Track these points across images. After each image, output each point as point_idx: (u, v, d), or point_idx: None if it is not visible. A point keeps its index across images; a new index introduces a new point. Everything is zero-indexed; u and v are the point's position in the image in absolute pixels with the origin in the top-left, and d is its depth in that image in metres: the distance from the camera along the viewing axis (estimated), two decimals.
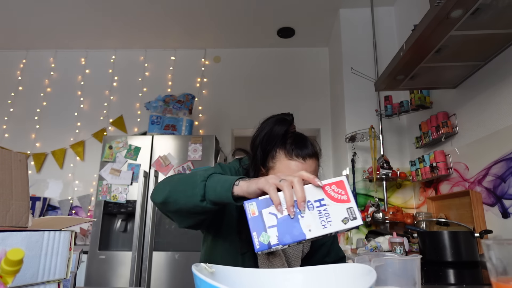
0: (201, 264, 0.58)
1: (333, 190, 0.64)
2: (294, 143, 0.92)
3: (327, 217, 0.61)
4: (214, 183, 0.73)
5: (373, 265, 0.59)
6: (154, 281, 2.45)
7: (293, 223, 0.61)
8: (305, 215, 0.62)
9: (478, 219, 1.71)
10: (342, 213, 0.62)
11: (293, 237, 0.60)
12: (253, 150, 0.97)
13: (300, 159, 0.90)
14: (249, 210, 0.63)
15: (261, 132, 0.95)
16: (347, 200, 0.63)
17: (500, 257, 0.45)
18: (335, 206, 0.62)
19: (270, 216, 0.62)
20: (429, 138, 2.17)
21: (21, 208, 0.50)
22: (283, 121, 0.95)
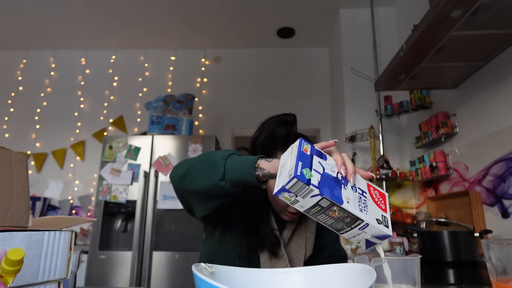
0: (201, 264, 0.58)
1: (375, 194, 0.62)
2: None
3: (365, 206, 0.57)
4: (234, 162, 0.70)
5: (373, 265, 0.59)
6: (154, 281, 2.45)
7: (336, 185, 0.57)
8: (348, 189, 0.58)
9: (478, 219, 1.71)
10: (378, 214, 0.58)
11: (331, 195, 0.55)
12: (253, 151, 0.95)
13: None
14: (303, 146, 0.59)
15: (261, 133, 0.93)
16: (385, 210, 0.60)
17: (500, 257, 0.45)
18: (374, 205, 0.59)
19: (318, 165, 0.58)
20: (429, 138, 2.17)
21: (21, 208, 0.50)
22: (285, 122, 0.93)
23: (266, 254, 0.93)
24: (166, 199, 2.60)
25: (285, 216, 0.95)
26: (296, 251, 0.98)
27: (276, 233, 0.95)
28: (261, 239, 0.92)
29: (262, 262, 0.92)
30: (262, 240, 0.92)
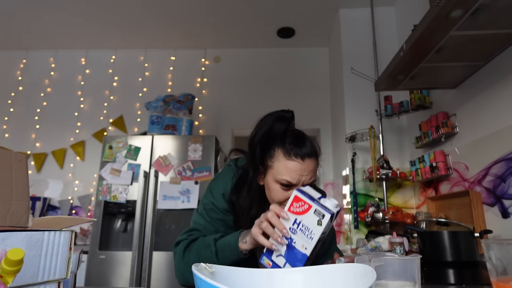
0: (201, 264, 0.58)
1: (296, 207, 0.73)
2: (293, 142, 0.91)
3: (307, 230, 0.71)
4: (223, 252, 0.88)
5: (373, 265, 0.59)
6: (154, 281, 2.45)
7: (293, 251, 0.72)
8: (295, 238, 0.72)
9: (478, 219, 1.71)
10: (313, 218, 0.71)
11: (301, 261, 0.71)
12: (251, 148, 0.96)
13: (299, 159, 0.90)
14: (265, 263, 0.76)
15: (259, 129, 0.95)
16: (309, 206, 0.72)
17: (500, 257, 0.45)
18: (306, 217, 0.71)
19: (279, 258, 0.73)
20: (429, 138, 2.17)
21: (21, 208, 0.50)
22: (282, 118, 0.95)
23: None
24: (166, 199, 2.60)
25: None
26: None
27: None
28: None
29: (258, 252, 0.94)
30: None
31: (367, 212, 2.45)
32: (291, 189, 0.90)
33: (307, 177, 0.91)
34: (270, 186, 0.93)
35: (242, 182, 1.00)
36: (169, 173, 2.66)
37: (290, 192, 0.90)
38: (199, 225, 1.00)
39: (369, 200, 2.59)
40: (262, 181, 0.97)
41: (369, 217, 2.39)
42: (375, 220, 2.34)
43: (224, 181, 1.03)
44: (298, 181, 0.90)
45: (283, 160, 0.90)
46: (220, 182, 1.04)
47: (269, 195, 0.96)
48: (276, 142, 0.92)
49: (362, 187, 2.66)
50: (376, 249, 1.77)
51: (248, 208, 0.98)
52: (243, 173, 1.00)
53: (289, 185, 0.90)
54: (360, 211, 2.54)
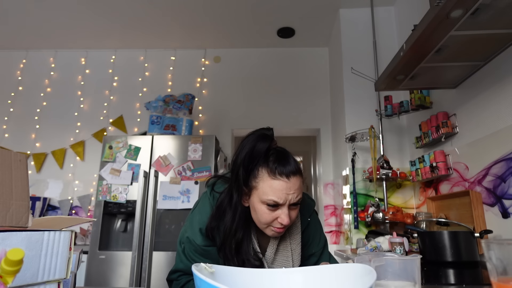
0: (201, 264, 0.58)
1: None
2: (277, 160, 0.90)
3: None
4: None
5: (373, 265, 0.59)
6: (154, 281, 2.45)
7: None
8: None
9: (478, 219, 1.71)
10: None
11: None
12: (233, 170, 0.94)
13: (284, 178, 0.88)
14: None
15: (241, 151, 0.92)
16: None
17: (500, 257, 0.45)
18: None
19: None
20: (429, 138, 2.17)
21: (21, 208, 0.50)
22: (264, 137, 0.92)
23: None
24: (166, 199, 2.60)
25: (270, 232, 0.94)
26: (283, 265, 0.99)
27: (259, 255, 0.96)
28: (243, 262, 0.93)
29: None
30: (244, 262, 0.93)
31: (367, 212, 2.45)
32: (278, 209, 0.89)
33: (294, 195, 0.89)
34: (256, 208, 0.91)
35: (224, 206, 0.96)
36: (169, 173, 2.66)
37: (277, 212, 0.89)
38: (183, 266, 1.01)
39: (369, 200, 2.59)
40: (246, 203, 0.95)
41: (369, 217, 2.39)
42: (375, 220, 2.34)
43: (200, 213, 1.01)
44: (285, 200, 0.88)
45: (268, 180, 0.88)
46: (197, 215, 1.01)
47: (256, 217, 0.93)
48: (260, 162, 0.90)
49: (362, 187, 2.66)
50: (376, 249, 1.77)
51: (234, 231, 0.94)
52: (224, 197, 0.97)
53: (276, 205, 0.88)
54: (360, 211, 2.54)
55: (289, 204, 0.89)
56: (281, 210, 0.89)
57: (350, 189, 2.66)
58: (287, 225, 0.91)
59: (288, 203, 0.89)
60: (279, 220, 0.89)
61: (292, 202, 0.89)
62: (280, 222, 0.89)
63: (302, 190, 0.92)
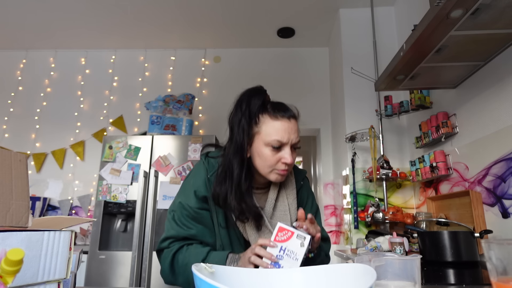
0: (201, 264, 0.58)
1: (280, 236, 0.84)
2: (276, 107, 0.97)
3: (292, 253, 0.83)
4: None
5: (373, 265, 0.59)
6: (154, 281, 2.45)
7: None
8: (282, 263, 0.83)
9: (478, 219, 1.71)
10: (296, 242, 0.83)
11: None
12: (234, 122, 0.99)
13: (285, 119, 0.95)
14: None
15: (240, 104, 0.99)
16: (292, 233, 0.84)
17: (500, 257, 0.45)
18: (290, 243, 0.83)
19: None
20: (429, 138, 2.17)
21: (21, 208, 0.50)
22: (258, 90, 1.02)
23: (252, 225, 0.99)
24: (166, 199, 2.60)
25: (274, 176, 0.98)
26: (282, 218, 1.03)
27: (259, 210, 0.99)
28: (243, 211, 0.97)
29: (249, 232, 0.99)
30: (244, 212, 0.97)
31: (367, 212, 2.45)
32: (281, 150, 0.95)
33: (294, 136, 0.96)
34: (260, 152, 0.96)
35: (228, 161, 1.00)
36: (169, 173, 2.66)
37: (280, 153, 0.95)
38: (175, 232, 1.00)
39: (369, 200, 2.59)
40: (248, 153, 0.99)
41: (369, 217, 2.39)
42: (375, 220, 2.34)
43: (195, 177, 1.04)
44: (288, 139, 0.94)
45: (270, 122, 0.95)
46: (192, 179, 1.04)
47: (260, 163, 0.97)
48: (260, 110, 0.97)
49: (362, 187, 2.66)
50: (376, 249, 1.78)
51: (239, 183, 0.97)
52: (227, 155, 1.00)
53: (279, 146, 0.94)
54: (360, 211, 2.54)
55: (291, 146, 0.96)
56: (284, 150, 0.95)
57: (350, 189, 2.66)
58: (290, 165, 0.97)
59: (290, 143, 0.95)
60: (283, 161, 0.95)
61: (294, 142, 0.96)
62: (284, 162, 0.95)
63: (298, 133, 1.00)
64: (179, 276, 0.96)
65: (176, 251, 0.98)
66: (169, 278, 0.99)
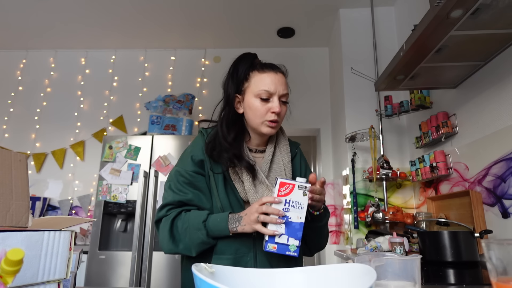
0: (201, 264, 0.58)
1: (283, 190, 0.88)
2: (264, 64, 1.07)
3: (297, 203, 0.88)
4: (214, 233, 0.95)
5: (373, 265, 0.59)
6: (154, 281, 2.45)
7: (291, 225, 0.88)
8: (289, 214, 0.88)
9: (478, 219, 1.71)
10: (299, 192, 0.88)
11: (300, 229, 0.88)
12: (225, 89, 1.09)
13: (272, 71, 1.04)
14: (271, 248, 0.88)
15: (230, 69, 1.09)
16: (293, 185, 0.88)
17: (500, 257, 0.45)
18: (293, 194, 0.88)
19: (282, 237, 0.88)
20: (429, 138, 2.17)
21: (21, 208, 0.50)
22: (247, 54, 1.10)
23: (250, 183, 1.01)
24: None
25: (265, 128, 1.03)
26: (277, 172, 1.08)
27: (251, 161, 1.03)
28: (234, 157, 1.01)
29: (248, 191, 1.01)
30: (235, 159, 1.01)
31: (367, 212, 2.45)
32: (269, 101, 1.01)
33: (281, 88, 1.02)
34: (250, 104, 1.03)
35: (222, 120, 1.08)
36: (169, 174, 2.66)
37: (269, 104, 1.01)
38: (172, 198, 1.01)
39: (369, 200, 2.59)
40: (241, 109, 1.07)
41: (369, 217, 2.39)
42: (375, 220, 2.34)
43: (193, 146, 1.08)
44: (275, 89, 1.01)
45: (258, 75, 1.03)
46: (189, 148, 1.09)
47: (251, 115, 1.03)
48: (249, 68, 1.06)
49: (362, 187, 2.66)
50: (376, 249, 1.78)
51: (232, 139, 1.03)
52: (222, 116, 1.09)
53: (267, 98, 1.01)
54: (360, 211, 2.54)
55: (279, 97, 1.02)
56: (272, 101, 1.02)
57: (350, 189, 2.66)
58: (280, 116, 1.03)
59: (278, 94, 1.02)
60: (272, 110, 1.01)
61: (281, 93, 1.02)
62: (273, 111, 1.01)
63: (287, 88, 1.07)
64: (180, 242, 0.97)
65: (174, 217, 0.99)
66: (169, 246, 0.98)
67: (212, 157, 1.03)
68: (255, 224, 0.89)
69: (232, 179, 1.03)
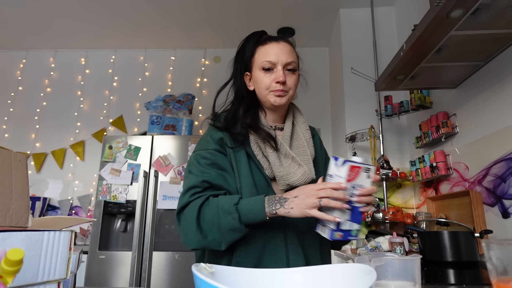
0: (201, 264, 0.58)
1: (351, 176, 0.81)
2: (267, 37, 1.05)
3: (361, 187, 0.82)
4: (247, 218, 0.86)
5: (373, 265, 0.59)
6: (154, 281, 2.45)
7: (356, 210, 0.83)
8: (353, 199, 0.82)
9: (478, 219, 1.71)
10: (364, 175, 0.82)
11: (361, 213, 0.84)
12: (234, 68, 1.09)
13: (273, 42, 1.01)
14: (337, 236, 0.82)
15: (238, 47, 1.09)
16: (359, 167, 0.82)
17: (500, 257, 0.45)
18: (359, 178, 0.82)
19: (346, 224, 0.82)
20: (429, 138, 2.17)
21: (21, 208, 0.50)
22: (255, 32, 1.08)
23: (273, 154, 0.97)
24: (166, 199, 2.60)
25: (272, 98, 1.00)
26: (300, 152, 1.02)
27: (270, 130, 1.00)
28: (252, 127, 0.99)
29: (272, 162, 0.96)
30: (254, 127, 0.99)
31: (367, 212, 2.45)
32: (272, 72, 0.99)
33: (284, 57, 0.99)
34: (256, 77, 1.02)
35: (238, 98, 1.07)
36: (169, 173, 2.66)
37: (273, 75, 0.98)
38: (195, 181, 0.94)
39: None
40: (252, 86, 1.06)
41: (369, 217, 2.39)
42: (375, 220, 2.34)
43: (208, 130, 1.07)
44: (276, 59, 0.98)
45: (261, 49, 1.02)
46: (205, 132, 1.08)
47: (258, 88, 1.02)
48: (255, 45, 1.04)
49: None
50: (376, 249, 1.77)
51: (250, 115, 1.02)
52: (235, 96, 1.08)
53: (270, 68, 0.99)
54: None
55: (284, 66, 0.99)
56: (276, 71, 0.99)
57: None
58: (286, 86, 0.99)
59: (281, 63, 0.99)
60: (276, 80, 0.98)
61: (285, 62, 0.99)
62: (276, 81, 0.98)
63: (295, 58, 1.03)
64: (208, 232, 0.87)
65: (201, 204, 0.89)
66: (197, 237, 0.87)
67: (231, 133, 1.00)
68: (311, 209, 0.81)
69: (255, 154, 0.98)
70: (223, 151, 0.99)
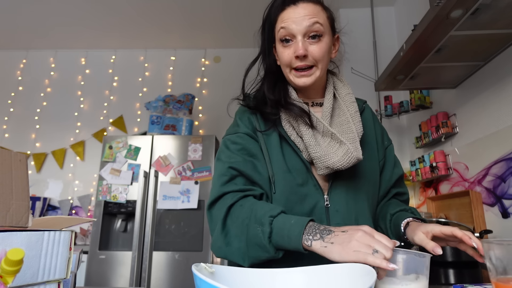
0: (201, 264, 0.58)
1: None
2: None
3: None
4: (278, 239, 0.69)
5: None
6: (154, 281, 2.45)
7: None
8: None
9: (478, 219, 1.71)
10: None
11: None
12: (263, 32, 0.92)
13: (292, 5, 0.81)
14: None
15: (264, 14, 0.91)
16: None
17: (500, 257, 0.45)
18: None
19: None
20: (429, 138, 2.17)
21: (21, 208, 0.50)
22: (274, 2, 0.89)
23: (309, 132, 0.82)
24: (166, 199, 2.60)
25: (294, 78, 0.84)
26: (343, 129, 0.84)
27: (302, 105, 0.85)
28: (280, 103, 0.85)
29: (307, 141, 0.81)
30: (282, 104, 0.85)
31: None
32: (291, 45, 0.81)
33: (305, 23, 0.79)
34: (278, 52, 0.86)
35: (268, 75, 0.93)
36: (169, 173, 2.66)
37: (292, 48, 0.81)
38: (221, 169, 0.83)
39: None
40: (278, 61, 0.90)
41: None
42: None
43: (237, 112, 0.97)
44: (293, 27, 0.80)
45: (279, 16, 0.84)
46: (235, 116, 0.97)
47: (281, 66, 0.88)
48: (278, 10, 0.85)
49: None
50: None
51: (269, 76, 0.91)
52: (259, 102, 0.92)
53: (287, 38, 0.82)
54: None
55: (304, 34, 0.80)
56: (295, 42, 0.81)
57: None
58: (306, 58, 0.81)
59: (301, 32, 0.80)
60: (295, 54, 0.80)
61: (305, 29, 0.79)
62: (296, 55, 0.80)
63: (322, 17, 0.83)
64: (233, 239, 0.73)
65: (232, 203, 0.76)
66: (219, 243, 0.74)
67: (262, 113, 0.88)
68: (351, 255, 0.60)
69: (289, 135, 0.85)
70: (254, 136, 0.87)
